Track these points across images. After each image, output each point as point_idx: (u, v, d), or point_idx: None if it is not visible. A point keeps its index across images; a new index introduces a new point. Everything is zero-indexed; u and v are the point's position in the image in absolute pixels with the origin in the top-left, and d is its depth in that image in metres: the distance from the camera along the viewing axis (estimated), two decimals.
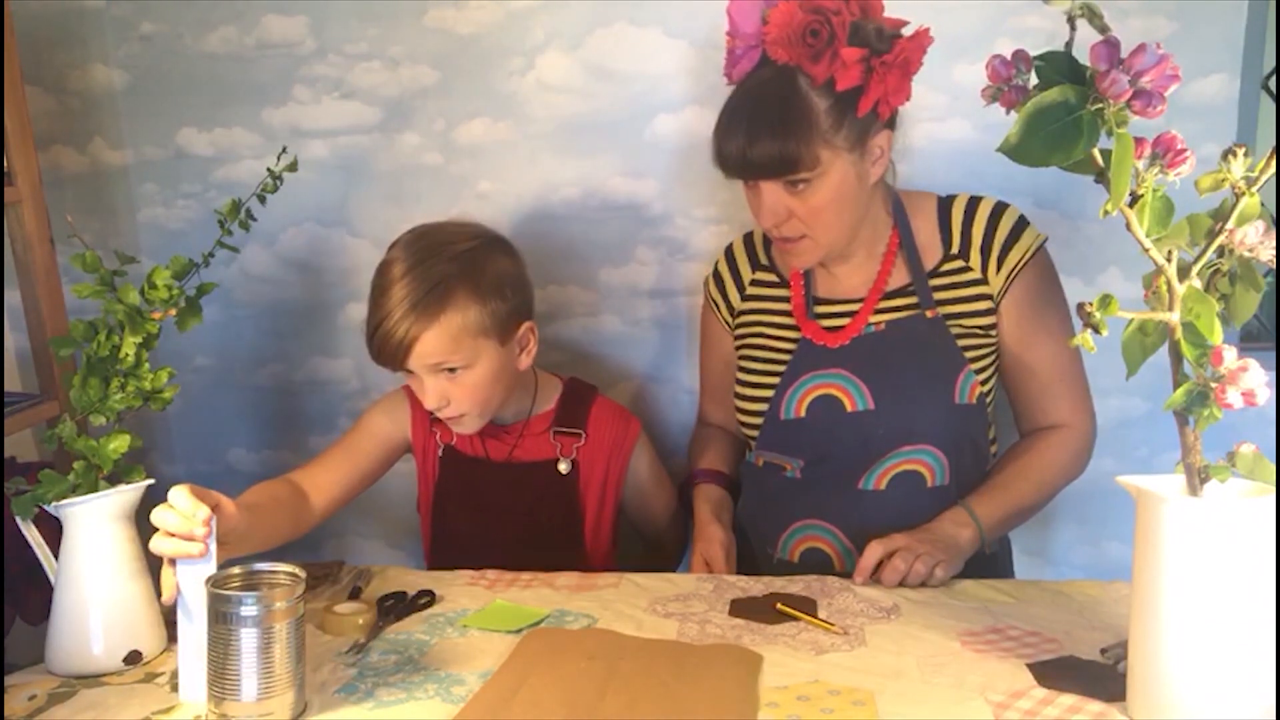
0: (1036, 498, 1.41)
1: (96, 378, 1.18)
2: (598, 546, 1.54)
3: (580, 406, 1.54)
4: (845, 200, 1.33)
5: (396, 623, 1.22)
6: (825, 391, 1.40)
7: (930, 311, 1.39)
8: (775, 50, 1.27)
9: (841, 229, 1.36)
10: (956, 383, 1.37)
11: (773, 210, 1.32)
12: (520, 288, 1.44)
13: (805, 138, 1.26)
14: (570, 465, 1.51)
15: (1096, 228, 1.61)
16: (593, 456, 1.52)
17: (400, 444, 1.54)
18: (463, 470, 1.52)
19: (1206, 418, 0.89)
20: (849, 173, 1.31)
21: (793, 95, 1.27)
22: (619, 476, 1.55)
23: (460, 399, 1.39)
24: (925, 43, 1.27)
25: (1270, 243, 0.88)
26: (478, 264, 1.38)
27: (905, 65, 1.26)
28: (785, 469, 1.44)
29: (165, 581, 1.05)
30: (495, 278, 1.39)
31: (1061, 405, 1.42)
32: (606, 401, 1.58)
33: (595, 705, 0.99)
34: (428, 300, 1.33)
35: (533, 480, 1.51)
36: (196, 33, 1.77)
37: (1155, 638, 0.91)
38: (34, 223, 1.49)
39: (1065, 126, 0.87)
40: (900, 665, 1.07)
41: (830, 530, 1.41)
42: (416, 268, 1.35)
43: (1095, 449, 1.45)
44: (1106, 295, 0.86)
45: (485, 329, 1.37)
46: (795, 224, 1.33)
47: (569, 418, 1.53)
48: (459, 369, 1.37)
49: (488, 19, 1.69)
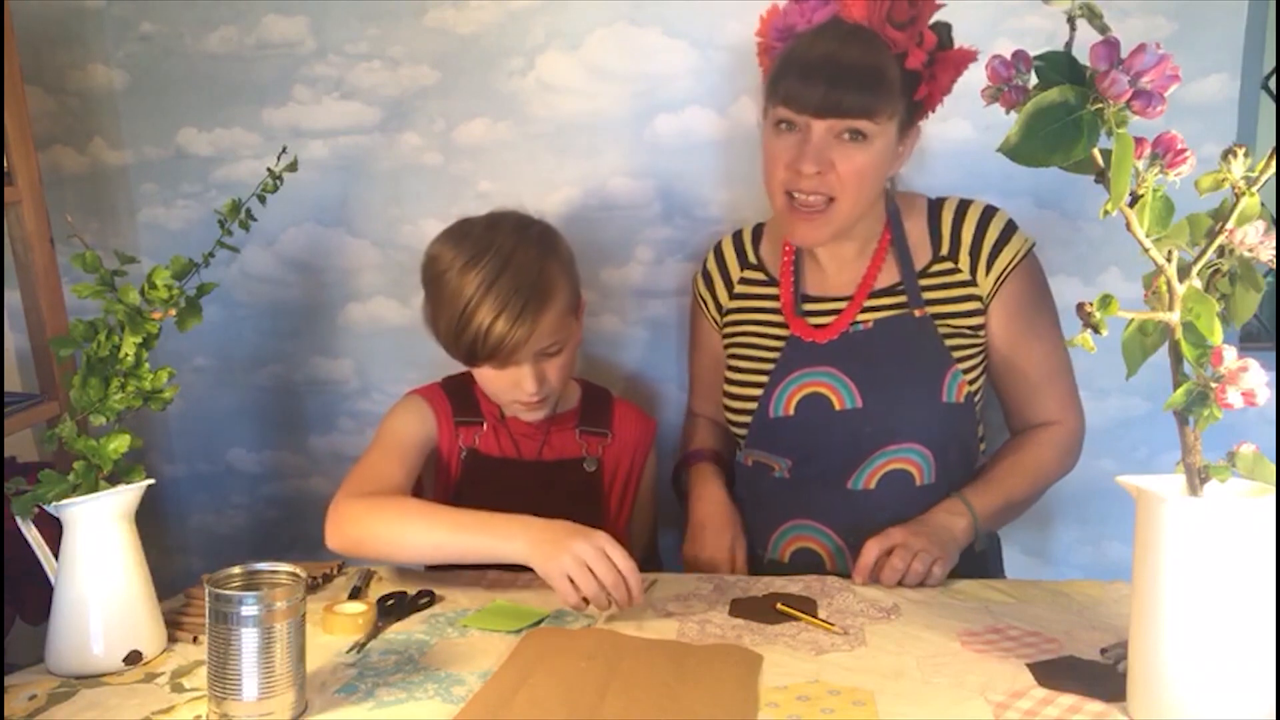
0: (1029, 492, 1.42)
1: (96, 378, 1.18)
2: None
3: (603, 406, 1.57)
4: (877, 171, 1.34)
5: (396, 623, 1.22)
6: (814, 390, 1.41)
7: (919, 311, 1.40)
8: (853, 10, 1.30)
9: (862, 201, 1.36)
10: (944, 382, 1.38)
11: (818, 154, 1.30)
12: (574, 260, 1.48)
13: (885, 88, 1.29)
14: (596, 464, 1.52)
15: (1096, 228, 1.61)
16: (617, 455, 1.55)
17: (429, 447, 1.49)
18: (486, 471, 1.51)
19: (1206, 418, 0.89)
20: (890, 145, 1.33)
21: (875, 51, 1.30)
22: (639, 475, 1.58)
23: (554, 379, 1.41)
24: (972, 57, 1.34)
25: (1270, 243, 0.88)
26: (554, 243, 1.42)
27: (958, 68, 1.33)
28: (774, 469, 1.45)
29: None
30: (568, 253, 1.44)
31: (1051, 404, 1.44)
32: (625, 402, 1.61)
33: (595, 705, 0.99)
34: (535, 291, 1.33)
35: (560, 479, 1.51)
36: (196, 33, 1.76)
37: (1155, 638, 0.91)
38: (34, 223, 1.49)
39: (1065, 126, 0.87)
40: (900, 665, 1.07)
41: (821, 530, 1.41)
42: (508, 261, 1.34)
43: (1095, 449, 1.45)
44: (1106, 295, 0.86)
45: (572, 306, 1.43)
46: (829, 179, 1.31)
47: (594, 417, 1.55)
48: (555, 350, 1.40)
49: (488, 19, 1.69)
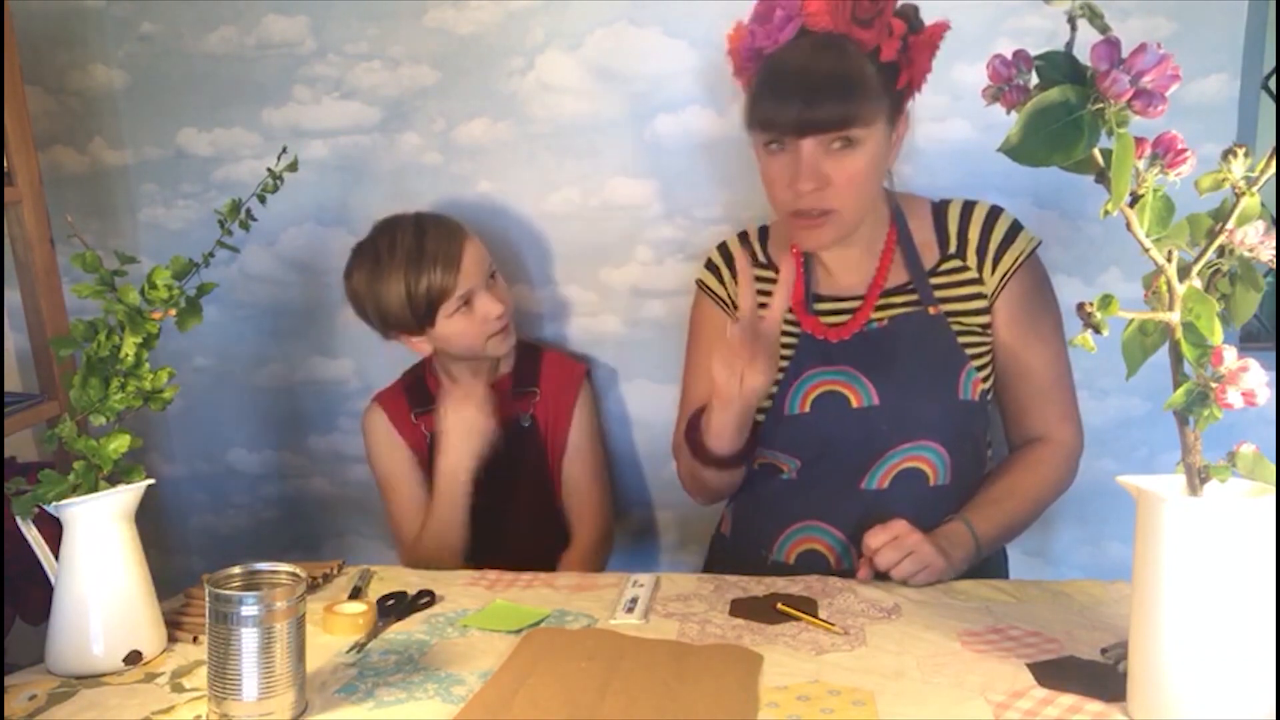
0: (1029, 516, 1.42)
1: (96, 378, 1.18)
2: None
3: (533, 364, 1.70)
4: (875, 172, 1.35)
5: (396, 623, 1.22)
6: (830, 388, 1.40)
7: (932, 309, 1.40)
8: (818, 19, 1.30)
9: (864, 204, 1.37)
10: (959, 379, 1.38)
11: (813, 171, 1.30)
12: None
13: (863, 93, 1.29)
14: (530, 419, 1.67)
15: (1096, 228, 1.61)
16: (548, 406, 1.69)
17: (409, 451, 1.68)
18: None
19: (1206, 418, 0.89)
20: (882, 144, 1.33)
21: (846, 57, 1.30)
22: (567, 415, 1.69)
23: (507, 301, 1.61)
24: (944, 30, 1.34)
25: (1270, 243, 0.88)
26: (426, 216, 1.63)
27: (933, 46, 1.33)
28: (782, 470, 1.44)
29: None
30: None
31: (1050, 412, 1.43)
32: (554, 353, 1.74)
33: (595, 705, 0.99)
34: (445, 230, 1.56)
35: (505, 439, 1.63)
36: (196, 33, 1.76)
37: (1155, 638, 0.91)
38: (34, 223, 1.49)
39: (1066, 126, 0.87)
40: (900, 665, 1.07)
41: (829, 531, 1.41)
42: (406, 232, 1.55)
43: (1095, 449, 1.44)
44: (1106, 295, 0.86)
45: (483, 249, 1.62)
46: (830, 194, 1.32)
47: (524, 377, 1.69)
48: (493, 273, 1.60)
49: (488, 19, 1.69)
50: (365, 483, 1.90)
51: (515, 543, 1.60)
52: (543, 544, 1.64)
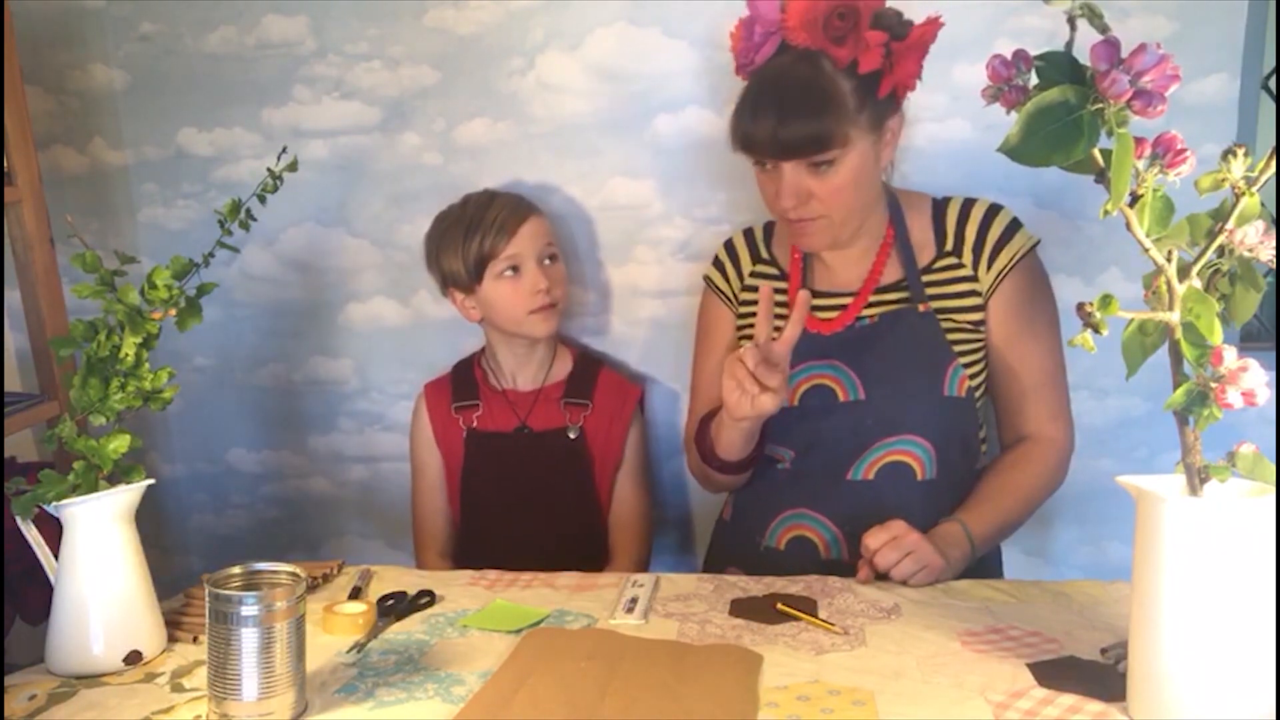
0: (1022, 515, 1.43)
1: (96, 378, 1.18)
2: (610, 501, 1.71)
3: (589, 377, 1.70)
4: (863, 181, 1.36)
5: (396, 623, 1.22)
6: (819, 381, 1.42)
7: (922, 306, 1.41)
8: (796, 35, 1.30)
9: (856, 210, 1.38)
10: (945, 376, 1.39)
11: (794, 190, 1.33)
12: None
13: (836, 117, 1.29)
14: (579, 431, 1.66)
15: (1096, 228, 1.61)
16: (600, 423, 1.67)
17: (437, 447, 1.72)
18: (485, 447, 1.68)
19: (1206, 418, 0.89)
20: (868, 154, 1.34)
21: (820, 77, 1.30)
22: (620, 438, 1.69)
23: (557, 284, 1.64)
24: (936, 28, 1.33)
25: (1270, 243, 0.88)
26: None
27: (921, 49, 1.32)
28: (778, 460, 1.46)
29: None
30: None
31: (1042, 411, 1.43)
32: (611, 372, 1.73)
33: (595, 705, 0.99)
34: (515, 203, 1.63)
35: (549, 448, 1.67)
36: (196, 33, 1.76)
37: (1155, 638, 0.91)
38: (34, 223, 1.49)
39: (1065, 126, 0.87)
40: (900, 665, 1.07)
41: (818, 519, 1.42)
42: (489, 197, 1.65)
43: (1095, 449, 1.45)
44: (1106, 295, 0.86)
45: (553, 230, 1.69)
46: (815, 205, 1.35)
47: (578, 389, 1.69)
48: (553, 254, 1.65)
49: (488, 19, 1.69)
50: (365, 483, 1.90)
51: (549, 549, 1.52)
52: (576, 554, 1.54)
